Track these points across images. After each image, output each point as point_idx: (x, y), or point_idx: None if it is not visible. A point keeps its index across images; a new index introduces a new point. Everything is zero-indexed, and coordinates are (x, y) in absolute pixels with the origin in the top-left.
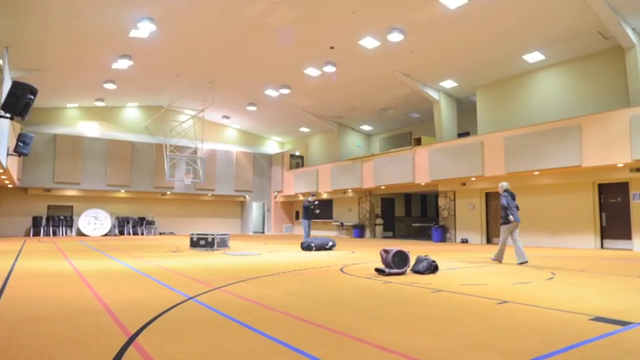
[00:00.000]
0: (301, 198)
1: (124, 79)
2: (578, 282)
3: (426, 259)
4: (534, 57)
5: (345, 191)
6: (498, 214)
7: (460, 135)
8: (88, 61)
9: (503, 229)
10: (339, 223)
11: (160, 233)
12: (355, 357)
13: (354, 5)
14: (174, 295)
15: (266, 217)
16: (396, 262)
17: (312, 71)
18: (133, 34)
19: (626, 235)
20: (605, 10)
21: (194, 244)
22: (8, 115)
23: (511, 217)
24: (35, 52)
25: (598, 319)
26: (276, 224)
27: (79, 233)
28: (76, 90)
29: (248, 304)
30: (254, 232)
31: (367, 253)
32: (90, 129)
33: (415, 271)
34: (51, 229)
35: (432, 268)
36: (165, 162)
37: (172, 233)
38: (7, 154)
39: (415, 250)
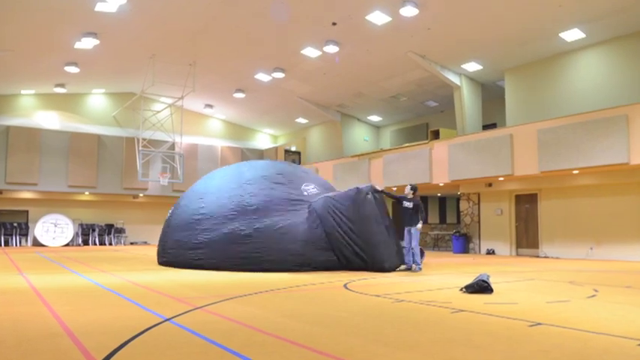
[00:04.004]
0: None
1: (89, 60)
2: (624, 301)
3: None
4: (573, 35)
5: None
6: (530, 221)
7: (485, 127)
8: (47, 40)
9: None
10: None
11: (132, 243)
12: None
13: None
14: (148, 315)
15: None
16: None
17: (310, 52)
18: (100, 7)
19: None
20: None
21: None
22: None
23: None
24: None
25: None
26: None
27: (36, 243)
28: (33, 74)
29: (235, 326)
30: None
31: None
32: (49, 120)
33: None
34: (2, 237)
35: (479, 287)
36: (138, 159)
37: (146, 243)
38: None
39: (432, 262)
